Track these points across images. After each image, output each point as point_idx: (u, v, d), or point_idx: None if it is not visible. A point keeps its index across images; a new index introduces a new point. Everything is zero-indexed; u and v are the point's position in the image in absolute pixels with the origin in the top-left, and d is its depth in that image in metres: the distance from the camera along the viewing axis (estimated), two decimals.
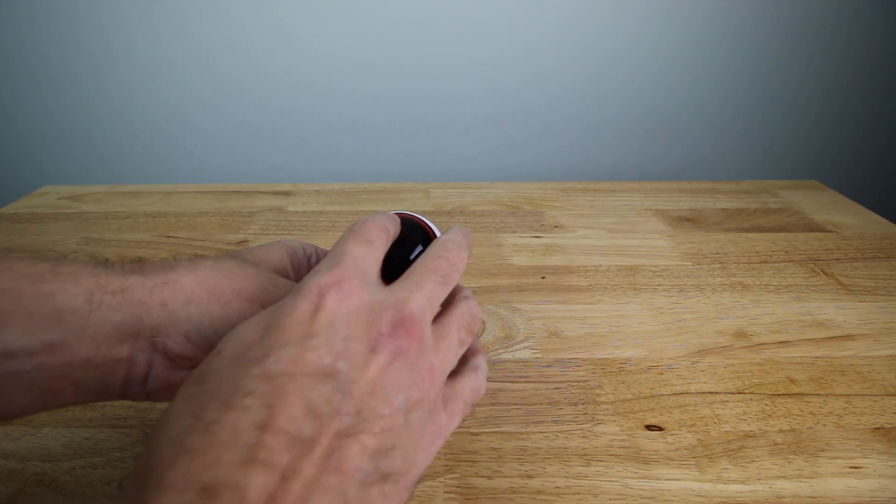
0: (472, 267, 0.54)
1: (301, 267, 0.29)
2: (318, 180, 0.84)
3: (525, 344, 0.43)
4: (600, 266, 0.54)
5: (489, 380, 0.39)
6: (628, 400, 0.37)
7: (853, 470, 0.32)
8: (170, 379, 0.23)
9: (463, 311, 0.24)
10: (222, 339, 0.20)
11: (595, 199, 0.70)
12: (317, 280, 0.20)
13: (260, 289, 0.24)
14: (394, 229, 0.26)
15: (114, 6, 0.75)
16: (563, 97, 0.82)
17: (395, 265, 0.28)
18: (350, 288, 0.20)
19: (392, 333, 0.19)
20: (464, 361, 0.25)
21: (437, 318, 0.23)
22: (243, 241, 0.59)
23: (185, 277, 0.23)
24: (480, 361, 0.25)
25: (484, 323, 0.45)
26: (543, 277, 0.52)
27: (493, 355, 0.42)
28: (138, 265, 0.24)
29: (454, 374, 0.24)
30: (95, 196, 0.72)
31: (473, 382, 0.24)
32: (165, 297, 0.22)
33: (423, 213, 0.31)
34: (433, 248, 0.24)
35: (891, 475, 0.32)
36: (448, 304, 0.24)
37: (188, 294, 0.23)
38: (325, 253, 0.30)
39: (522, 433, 0.35)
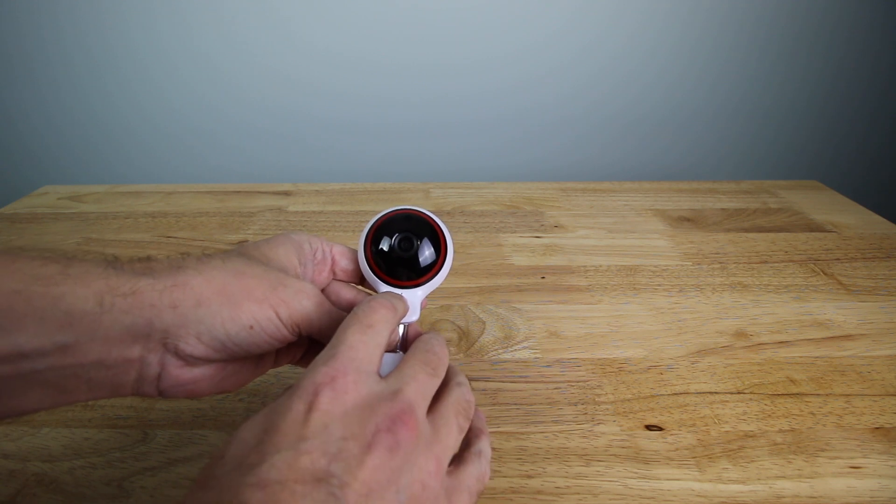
0: (472, 267, 0.54)
1: (307, 263, 0.29)
2: (318, 180, 0.84)
3: (525, 344, 0.43)
4: (600, 266, 0.54)
5: (489, 380, 0.39)
6: (628, 400, 0.37)
7: (853, 470, 0.32)
8: (182, 377, 0.24)
9: (458, 398, 0.23)
10: (226, 440, 0.20)
11: (595, 199, 0.70)
12: (312, 378, 0.20)
13: (269, 288, 0.24)
14: (402, 307, 0.26)
15: (114, 6, 0.75)
16: (563, 98, 0.82)
17: (402, 263, 0.28)
18: (345, 385, 0.20)
19: (389, 427, 0.19)
20: (466, 445, 0.24)
21: (433, 406, 0.22)
22: (243, 241, 0.59)
23: (194, 279, 0.23)
24: (483, 445, 0.25)
25: (484, 323, 0.45)
26: (543, 277, 0.52)
27: (493, 355, 0.42)
28: (147, 266, 0.24)
29: (457, 460, 0.23)
30: (95, 196, 0.72)
31: (478, 470, 0.23)
32: (175, 300, 0.23)
33: (431, 212, 0.31)
34: (420, 344, 0.24)
35: (891, 475, 0.32)
36: (441, 392, 0.23)
37: (198, 296, 0.23)
38: (332, 247, 0.30)
39: (522, 433, 0.35)
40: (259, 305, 0.24)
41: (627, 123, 0.84)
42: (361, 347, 0.22)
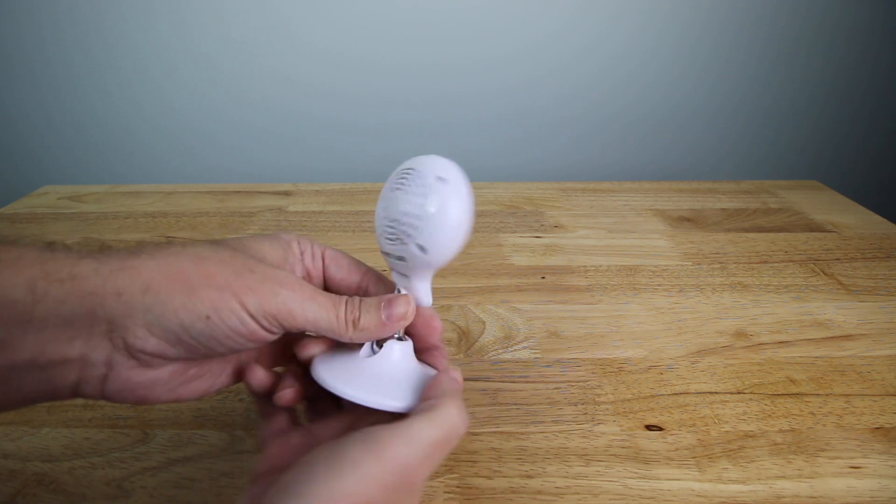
0: (472, 267, 0.54)
1: (295, 263, 0.26)
2: (318, 180, 0.84)
3: (525, 344, 0.43)
4: (600, 266, 0.54)
5: (489, 380, 0.39)
6: (628, 400, 0.37)
7: (853, 470, 0.32)
8: (133, 380, 0.21)
9: None
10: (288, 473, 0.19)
11: (595, 199, 0.70)
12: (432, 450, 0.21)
13: (233, 274, 0.21)
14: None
15: (114, 6, 0.75)
16: (563, 97, 0.82)
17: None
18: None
19: None
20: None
21: None
22: None
23: (144, 263, 0.20)
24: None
25: (484, 323, 0.45)
26: (543, 277, 0.52)
27: (493, 355, 0.42)
28: (94, 251, 0.21)
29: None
30: (95, 196, 0.72)
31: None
32: (120, 286, 0.19)
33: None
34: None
35: (891, 475, 0.32)
36: None
37: (147, 281, 0.20)
38: (323, 250, 0.27)
39: (522, 433, 0.35)
40: (219, 293, 0.20)
41: (627, 123, 0.84)
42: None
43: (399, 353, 0.26)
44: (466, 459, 0.33)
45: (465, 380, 0.38)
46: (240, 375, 0.25)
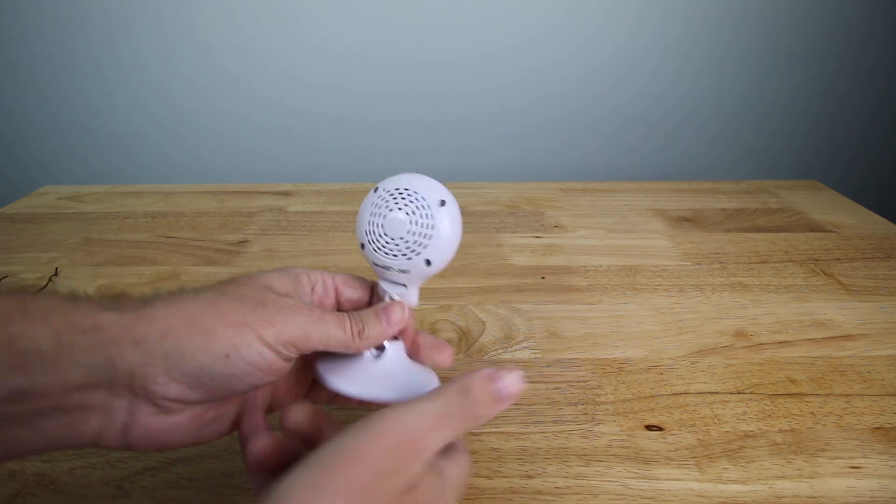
0: (472, 267, 0.54)
1: (304, 295, 0.27)
2: (318, 180, 0.84)
3: (525, 344, 0.43)
4: (600, 266, 0.54)
5: None
6: (628, 400, 0.37)
7: (853, 470, 0.32)
8: (154, 427, 0.21)
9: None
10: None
11: (595, 199, 0.70)
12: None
13: (248, 310, 0.22)
14: None
15: (114, 7, 0.75)
16: (563, 97, 0.82)
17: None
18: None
19: None
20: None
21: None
22: (243, 241, 0.59)
23: (161, 311, 0.21)
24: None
25: (484, 323, 0.45)
26: (543, 277, 0.52)
27: (493, 355, 0.42)
28: (114, 300, 0.21)
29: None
30: (95, 196, 0.72)
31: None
32: (140, 334, 0.20)
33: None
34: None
35: (891, 475, 0.32)
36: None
37: (164, 328, 0.21)
38: (333, 277, 0.29)
39: (522, 433, 0.35)
40: (236, 329, 0.21)
41: (627, 123, 0.84)
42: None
43: (397, 352, 0.28)
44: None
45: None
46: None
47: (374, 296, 0.30)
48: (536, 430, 0.35)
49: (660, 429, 0.35)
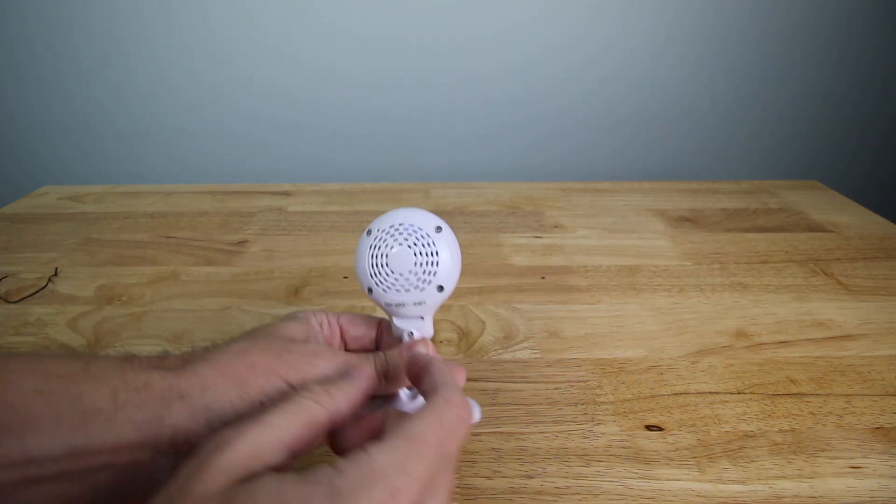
0: (472, 267, 0.54)
1: (317, 336, 0.28)
2: (318, 180, 0.84)
3: (525, 344, 0.43)
4: (600, 266, 0.54)
5: (489, 380, 0.39)
6: (628, 400, 0.37)
7: (853, 470, 0.32)
8: None
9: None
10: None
11: (595, 199, 0.70)
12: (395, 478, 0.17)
13: (274, 357, 0.24)
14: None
15: (114, 7, 0.75)
16: (563, 99, 0.82)
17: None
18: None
19: None
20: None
21: None
22: (243, 241, 0.59)
23: (200, 367, 0.23)
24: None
25: (484, 323, 0.45)
26: (543, 277, 0.52)
27: (493, 355, 0.42)
28: (160, 359, 0.23)
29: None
30: (95, 196, 0.72)
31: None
32: (183, 390, 0.22)
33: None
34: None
35: (891, 475, 0.32)
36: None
37: (204, 382, 0.22)
38: (338, 317, 0.29)
39: (522, 433, 0.35)
40: (266, 378, 0.23)
41: (627, 123, 0.84)
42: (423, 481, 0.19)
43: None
44: (466, 459, 0.33)
45: (466, 380, 0.38)
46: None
47: (380, 332, 0.30)
48: (536, 430, 0.35)
49: (660, 429, 0.35)
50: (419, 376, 0.24)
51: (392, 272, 0.27)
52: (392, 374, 0.27)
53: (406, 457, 0.18)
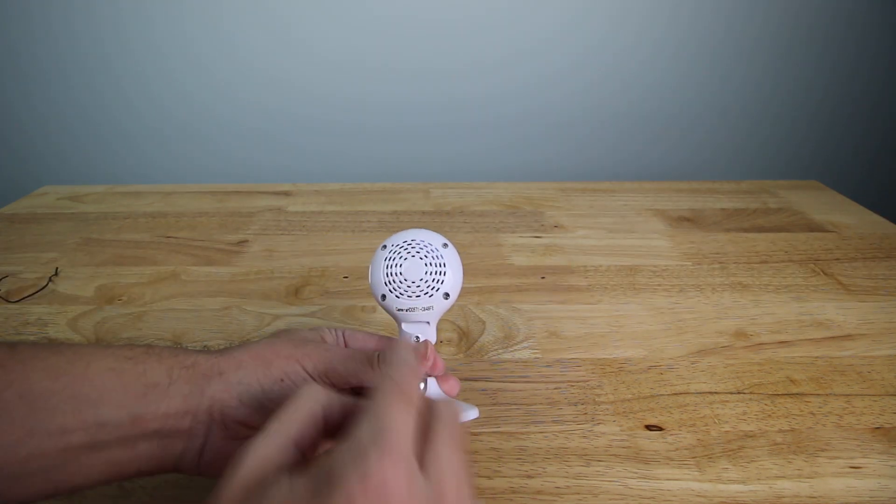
0: (473, 267, 0.54)
1: (327, 340, 0.32)
2: (317, 180, 0.84)
3: (525, 344, 0.43)
4: (600, 266, 0.54)
5: (489, 380, 0.39)
6: (628, 400, 0.37)
7: (853, 470, 0.32)
8: (224, 450, 0.26)
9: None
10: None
11: (595, 199, 0.70)
12: (360, 468, 0.18)
13: (294, 347, 0.29)
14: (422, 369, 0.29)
15: (115, 8, 0.75)
16: (563, 98, 0.82)
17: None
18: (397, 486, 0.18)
19: None
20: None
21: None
22: (243, 241, 0.59)
23: (236, 351, 0.28)
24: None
25: (484, 323, 0.45)
26: (543, 277, 0.52)
27: (493, 355, 0.42)
28: (205, 347, 0.28)
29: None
30: (95, 196, 0.72)
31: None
32: (222, 367, 0.27)
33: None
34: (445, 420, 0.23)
35: (891, 475, 0.32)
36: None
37: (238, 361, 0.27)
38: (343, 330, 0.33)
39: (522, 433, 0.35)
40: (287, 361, 0.28)
41: (627, 123, 0.84)
42: (406, 430, 0.20)
43: (434, 387, 0.31)
44: (466, 459, 0.33)
45: (466, 380, 0.39)
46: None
47: (379, 344, 0.34)
48: (536, 430, 0.35)
49: (660, 429, 0.35)
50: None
51: (405, 280, 0.31)
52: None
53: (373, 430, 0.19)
